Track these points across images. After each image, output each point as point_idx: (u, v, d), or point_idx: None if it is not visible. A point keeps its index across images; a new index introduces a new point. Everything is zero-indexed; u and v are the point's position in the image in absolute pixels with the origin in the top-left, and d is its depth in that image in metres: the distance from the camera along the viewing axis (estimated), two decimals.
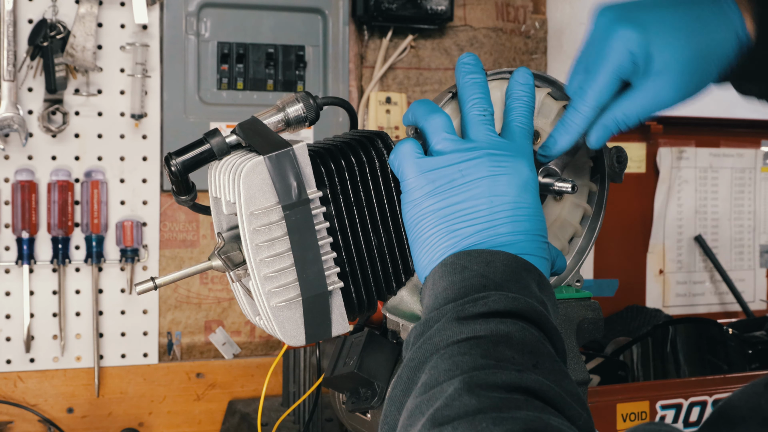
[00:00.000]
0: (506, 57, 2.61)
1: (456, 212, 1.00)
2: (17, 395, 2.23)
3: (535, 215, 1.01)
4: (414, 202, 1.02)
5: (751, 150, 2.98)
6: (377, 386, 1.24)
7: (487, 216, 0.99)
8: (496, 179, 1.00)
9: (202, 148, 1.08)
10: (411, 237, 1.03)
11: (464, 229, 0.99)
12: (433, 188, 1.00)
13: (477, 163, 1.00)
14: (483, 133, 1.03)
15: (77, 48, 2.19)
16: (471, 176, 1.00)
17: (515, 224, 0.99)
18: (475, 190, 0.99)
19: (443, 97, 1.13)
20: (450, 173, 1.00)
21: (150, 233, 2.32)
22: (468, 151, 1.01)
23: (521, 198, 1.00)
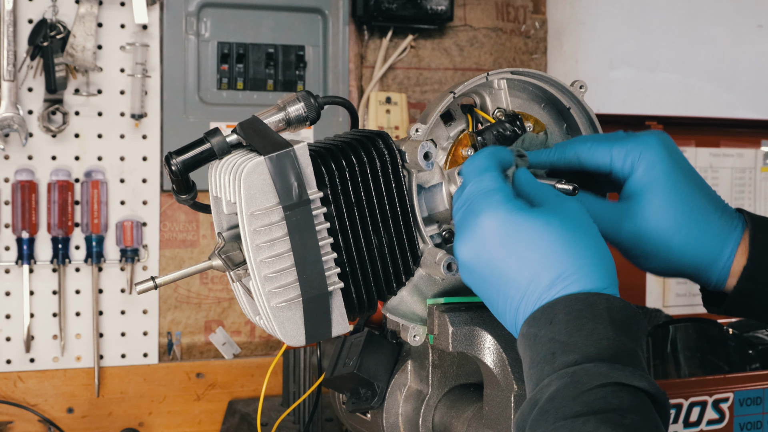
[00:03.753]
0: (506, 57, 2.61)
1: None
2: (17, 395, 2.22)
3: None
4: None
5: (751, 150, 2.98)
6: (377, 386, 1.25)
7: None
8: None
9: (203, 147, 1.08)
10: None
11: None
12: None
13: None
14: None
15: (77, 48, 2.19)
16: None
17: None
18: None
19: (443, 97, 1.13)
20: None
21: (150, 233, 2.32)
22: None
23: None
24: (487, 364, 1.10)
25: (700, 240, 1.09)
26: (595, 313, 0.91)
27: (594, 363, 0.87)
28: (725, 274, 1.10)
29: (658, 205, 1.08)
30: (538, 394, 0.89)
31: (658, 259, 1.11)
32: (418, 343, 1.17)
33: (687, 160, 1.12)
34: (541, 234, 0.96)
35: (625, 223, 1.10)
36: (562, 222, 0.97)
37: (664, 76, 2.85)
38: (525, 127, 1.16)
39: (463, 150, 1.15)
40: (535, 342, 0.93)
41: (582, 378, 0.87)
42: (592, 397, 0.85)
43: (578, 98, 1.19)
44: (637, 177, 1.09)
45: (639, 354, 0.91)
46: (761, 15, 2.95)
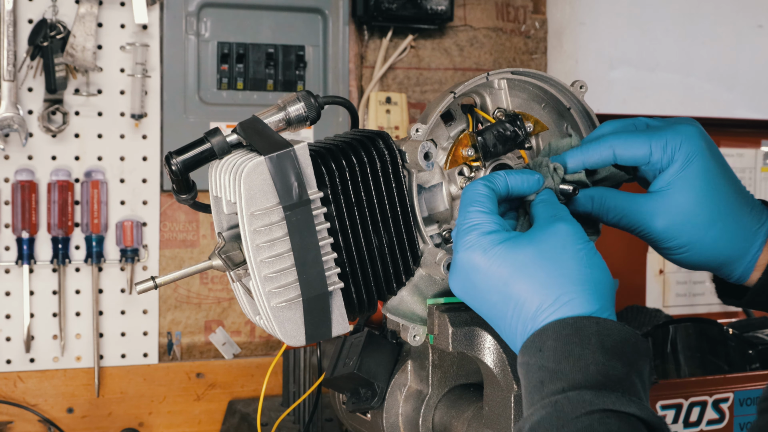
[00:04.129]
0: (506, 57, 2.61)
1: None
2: (17, 395, 2.22)
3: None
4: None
5: (751, 150, 2.98)
6: (377, 386, 1.24)
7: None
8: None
9: (203, 147, 1.08)
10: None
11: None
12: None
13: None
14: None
15: (77, 48, 2.19)
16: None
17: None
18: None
19: (444, 97, 1.13)
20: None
21: (150, 233, 2.32)
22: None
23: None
24: (487, 364, 1.10)
25: (734, 234, 1.08)
26: (583, 338, 0.89)
27: (578, 391, 0.86)
28: (751, 267, 1.09)
29: (695, 199, 1.07)
30: (522, 423, 0.88)
31: (690, 252, 1.09)
32: (418, 343, 1.17)
33: (720, 152, 1.11)
34: (522, 264, 0.95)
35: (659, 216, 1.08)
36: (543, 248, 0.96)
37: (664, 76, 2.85)
38: (525, 127, 1.16)
39: (463, 150, 1.15)
40: (528, 370, 0.92)
41: (565, 407, 0.85)
42: (578, 426, 0.83)
43: (578, 98, 1.19)
44: (674, 169, 1.07)
45: (633, 378, 0.88)
46: (761, 15, 2.95)
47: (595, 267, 0.95)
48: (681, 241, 1.08)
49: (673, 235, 1.08)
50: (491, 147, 1.14)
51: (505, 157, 1.17)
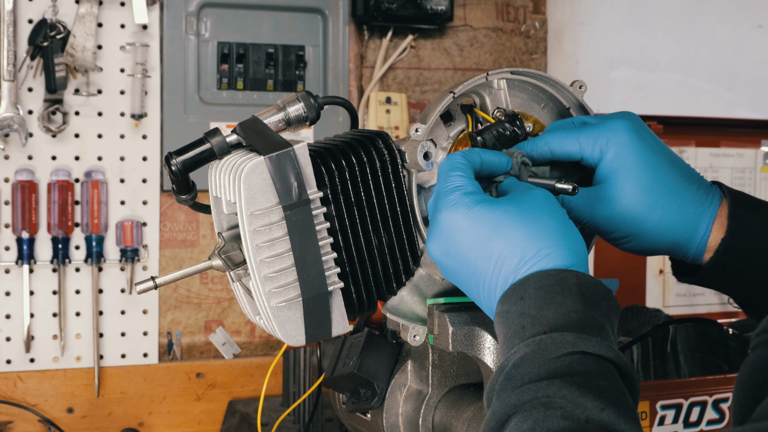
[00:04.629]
0: (506, 57, 2.61)
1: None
2: (17, 395, 2.22)
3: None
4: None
5: (751, 150, 2.98)
6: (377, 386, 1.24)
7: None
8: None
9: (203, 147, 1.08)
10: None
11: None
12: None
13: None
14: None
15: (77, 48, 2.19)
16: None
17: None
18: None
19: (443, 97, 1.13)
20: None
21: (150, 233, 2.32)
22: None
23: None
24: (487, 364, 1.10)
25: (676, 217, 1.11)
26: (564, 288, 0.93)
27: (561, 333, 0.90)
28: (702, 248, 1.11)
29: (629, 187, 1.10)
30: (506, 361, 0.91)
31: (636, 239, 1.12)
32: (418, 343, 1.17)
33: (657, 138, 1.13)
34: (502, 221, 0.98)
35: (599, 207, 1.11)
36: (523, 207, 0.99)
37: (664, 76, 2.85)
38: (525, 127, 1.16)
39: (462, 150, 1.15)
40: (507, 318, 0.94)
41: (549, 346, 0.89)
42: (558, 363, 0.87)
43: (578, 98, 1.19)
44: (607, 162, 1.11)
45: (607, 329, 0.93)
46: (761, 15, 2.95)
47: (571, 227, 0.99)
48: (623, 231, 1.11)
49: (615, 226, 1.11)
50: (491, 147, 1.14)
51: None
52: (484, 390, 0.95)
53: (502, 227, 0.98)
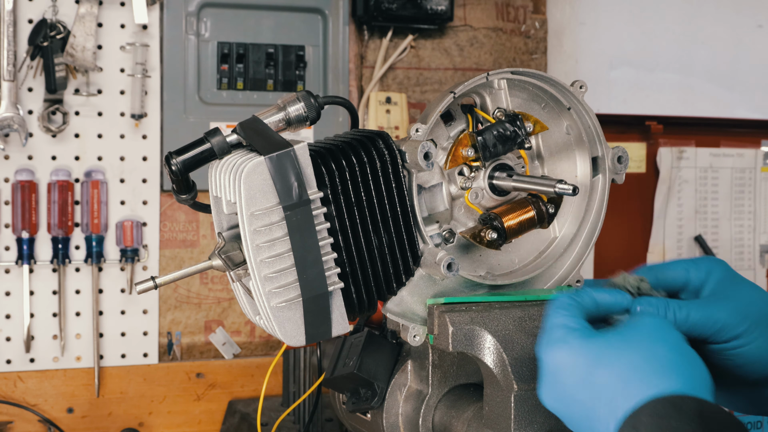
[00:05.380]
0: (506, 57, 2.61)
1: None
2: (17, 395, 2.22)
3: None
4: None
5: (751, 150, 2.98)
6: (377, 386, 1.24)
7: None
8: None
9: (203, 147, 1.08)
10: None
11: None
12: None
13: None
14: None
15: (77, 48, 2.19)
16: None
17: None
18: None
19: (444, 97, 1.13)
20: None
21: (150, 233, 2.32)
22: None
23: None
24: (487, 364, 1.10)
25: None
26: (681, 414, 0.84)
27: None
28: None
29: (739, 298, 1.06)
30: None
31: (752, 344, 1.06)
32: (418, 343, 1.17)
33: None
34: (605, 353, 0.92)
35: (721, 306, 1.06)
36: (627, 336, 0.93)
37: (664, 76, 2.85)
38: (525, 126, 1.16)
39: (463, 150, 1.15)
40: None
41: None
42: None
43: (578, 98, 1.19)
44: (713, 279, 1.09)
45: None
46: (761, 15, 2.95)
47: (687, 352, 0.93)
48: (744, 327, 1.05)
49: (737, 321, 1.05)
50: (491, 147, 1.14)
51: (505, 157, 1.17)
52: None
53: (606, 359, 0.92)
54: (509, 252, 1.22)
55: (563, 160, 1.23)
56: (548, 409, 0.97)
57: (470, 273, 1.15)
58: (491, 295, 1.15)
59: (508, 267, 1.21)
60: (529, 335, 1.11)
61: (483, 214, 1.17)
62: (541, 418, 1.08)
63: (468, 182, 1.16)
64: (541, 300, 1.15)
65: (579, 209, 1.24)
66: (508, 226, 1.16)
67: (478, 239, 1.16)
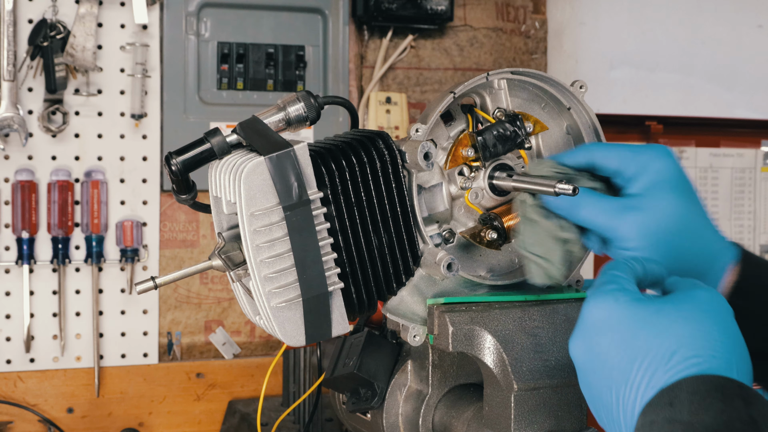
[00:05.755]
0: (506, 57, 2.61)
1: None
2: (17, 395, 2.22)
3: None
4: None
5: (751, 150, 2.98)
6: (377, 386, 1.24)
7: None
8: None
9: (203, 147, 1.08)
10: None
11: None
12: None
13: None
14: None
15: (77, 48, 2.19)
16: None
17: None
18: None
19: (444, 97, 1.13)
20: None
21: (150, 233, 2.32)
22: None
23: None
24: (487, 364, 1.10)
25: (699, 248, 1.07)
26: (726, 396, 0.80)
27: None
28: (715, 286, 1.08)
29: (666, 203, 1.06)
30: None
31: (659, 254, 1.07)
32: (418, 343, 1.17)
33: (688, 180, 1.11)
34: (656, 319, 0.88)
35: (629, 214, 1.07)
36: (682, 308, 0.89)
37: (664, 76, 2.85)
38: (525, 126, 1.16)
39: (463, 150, 1.15)
40: (651, 429, 0.81)
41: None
42: None
43: (578, 98, 1.19)
44: (646, 177, 1.08)
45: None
46: (761, 15, 2.95)
47: (739, 339, 0.88)
48: (645, 243, 1.06)
49: (642, 237, 1.06)
50: (491, 147, 1.14)
51: (505, 157, 1.17)
52: None
53: (654, 326, 0.87)
54: (509, 252, 1.21)
55: None
56: (573, 359, 0.93)
57: (470, 273, 1.15)
58: (491, 295, 1.15)
59: (508, 267, 1.21)
60: (529, 335, 1.11)
61: (483, 214, 1.16)
62: (541, 418, 1.08)
63: (468, 182, 1.16)
64: (541, 300, 1.15)
65: None
66: (508, 226, 1.16)
67: (478, 239, 1.16)
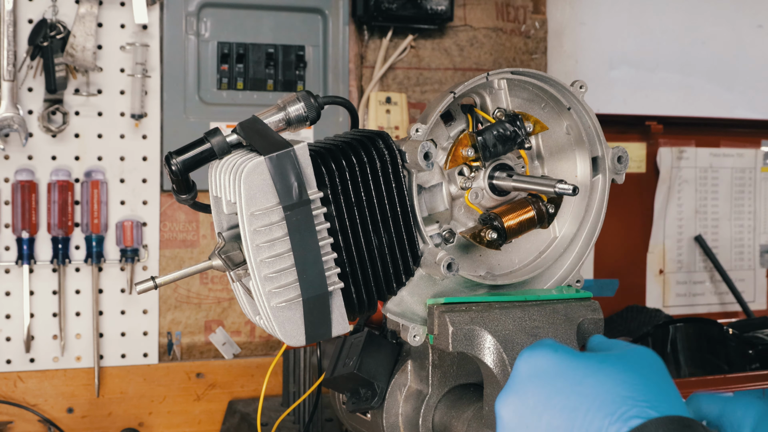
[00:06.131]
0: (506, 57, 2.61)
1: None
2: (17, 395, 2.22)
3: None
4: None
5: (751, 150, 2.98)
6: (377, 386, 1.24)
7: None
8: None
9: (203, 147, 1.08)
10: None
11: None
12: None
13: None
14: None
15: (77, 48, 2.19)
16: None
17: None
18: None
19: (444, 97, 1.13)
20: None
21: (150, 233, 2.32)
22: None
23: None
24: (487, 364, 1.10)
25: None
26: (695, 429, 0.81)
27: None
28: None
29: None
30: None
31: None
32: (418, 343, 1.17)
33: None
34: (601, 367, 0.88)
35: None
36: (629, 358, 0.89)
37: (664, 76, 2.85)
38: (525, 126, 1.16)
39: (463, 150, 1.15)
40: None
41: None
42: None
43: (578, 98, 1.19)
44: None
45: None
46: (761, 15, 2.95)
47: (676, 389, 0.89)
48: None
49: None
50: (491, 147, 1.14)
51: (505, 157, 1.17)
52: None
53: (601, 373, 0.86)
54: (509, 252, 1.22)
55: (563, 160, 1.23)
56: (498, 420, 0.91)
57: (470, 273, 1.15)
58: (491, 295, 1.15)
59: (508, 267, 1.21)
60: (529, 335, 1.11)
61: (483, 214, 1.17)
62: None
63: (468, 182, 1.16)
64: (541, 300, 1.15)
65: (579, 209, 1.24)
66: (508, 226, 1.16)
67: (478, 239, 1.16)
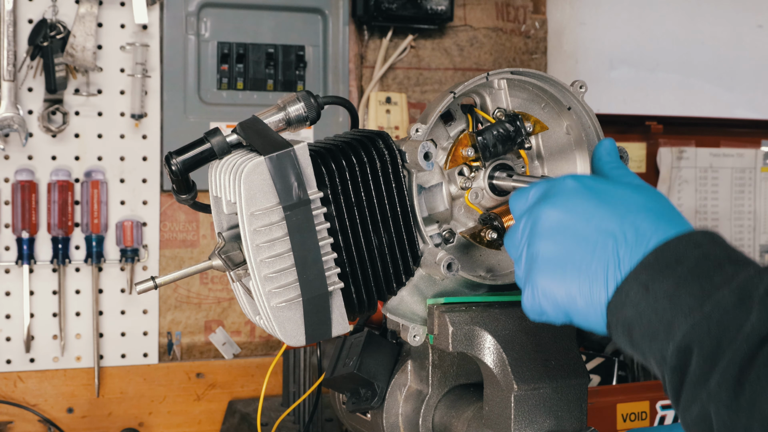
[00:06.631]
0: (506, 57, 2.61)
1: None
2: (17, 395, 2.22)
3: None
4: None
5: (751, 150, 2.98)
6: (377, 386, 1.25)
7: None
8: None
9: (203, 147, 1.08)
10: None
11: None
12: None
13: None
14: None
15: (77, 48, 2.19)
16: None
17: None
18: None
19: (444, 97, 1.13)
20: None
21: (150, 233, 2.32)
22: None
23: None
24: (487, 364, 1.10)
25: None
26: (717, 243, 0.82)
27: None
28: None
29: None
30: (756, 281, 0.76)
31: None
32: (418, 343, 1.17)
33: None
34: (628, 192, 0.90)
35: None
36: (646, 187, 0.92)
37: (664, 76, 2.85)
38: (525, 126, 1.16)
39: (463, 150, 1.15)
40: (665, 278, 0.80)
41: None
42: None
43: (578, 98, 1.19)
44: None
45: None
46: (761, 15, 2.95)
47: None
48: None
49: None
50: (491, 147, 1.14)
51: (505, 157, 1.17)
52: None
53: (640, 195, 0.90)
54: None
55: (563, 160, 1.23)
56: (543, 223, 0.91)
57: (470, 273, 1.15)
58: (491, 295, 1.15)
59: (508, 267, 1.21)
60: (529, 335, 1.11)
61: (483, 214, 1.17)
62: (541, 418, 1.09)
63: (468, 182, 1.16)
64: None
65: None
66: (508, 226, 1.16)
67: (478, 239, 1.16)
